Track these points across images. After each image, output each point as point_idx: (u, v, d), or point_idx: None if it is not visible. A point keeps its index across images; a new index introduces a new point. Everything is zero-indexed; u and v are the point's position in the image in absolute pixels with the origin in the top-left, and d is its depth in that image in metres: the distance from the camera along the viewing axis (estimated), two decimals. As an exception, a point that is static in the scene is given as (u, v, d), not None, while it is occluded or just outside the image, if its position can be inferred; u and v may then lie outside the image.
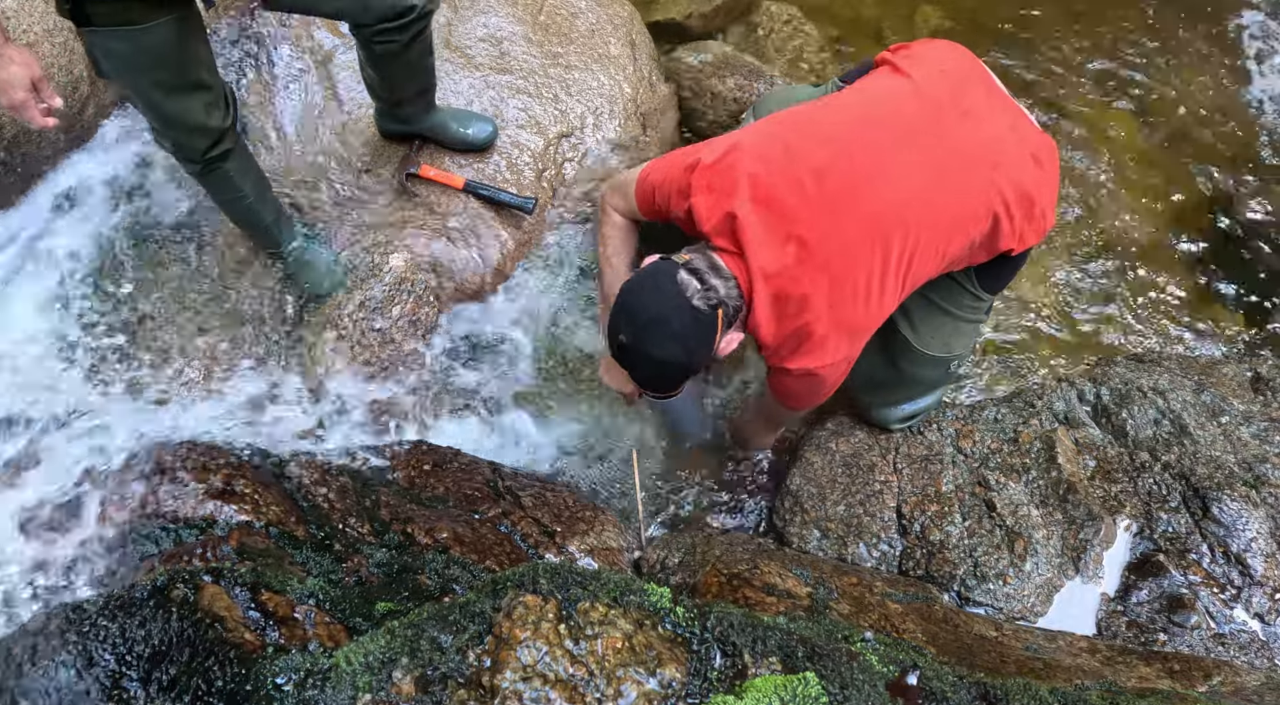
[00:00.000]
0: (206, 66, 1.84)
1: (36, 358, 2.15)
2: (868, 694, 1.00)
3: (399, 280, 2.31)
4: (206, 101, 1.86)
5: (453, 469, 1.93)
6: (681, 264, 1.63)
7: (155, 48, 1.69)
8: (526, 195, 2.52)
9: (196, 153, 1.94)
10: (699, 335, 1.62)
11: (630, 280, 1.69)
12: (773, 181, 1.62)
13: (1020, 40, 3.32)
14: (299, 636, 1.04)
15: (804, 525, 2.11)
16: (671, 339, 1.62)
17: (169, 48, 1.71)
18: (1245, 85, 3.26)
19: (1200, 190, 3.00)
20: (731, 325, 1.67)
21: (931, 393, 2.14)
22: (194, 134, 1.90)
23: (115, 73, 1.75)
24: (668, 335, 1.61)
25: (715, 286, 1.61)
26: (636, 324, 1.63)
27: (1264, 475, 2.04)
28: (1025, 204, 1.71)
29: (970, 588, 1.95)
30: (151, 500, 1.33)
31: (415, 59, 2.14)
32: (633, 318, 1.64)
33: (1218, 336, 2.68)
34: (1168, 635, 1.88)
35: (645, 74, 2.87)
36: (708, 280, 1.61)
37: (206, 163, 1.97)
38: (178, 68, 1.77)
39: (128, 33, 1.64)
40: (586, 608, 0.96)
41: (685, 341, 1.62)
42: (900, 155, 1.65)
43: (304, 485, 1.53)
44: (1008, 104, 1.79)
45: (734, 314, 1.65)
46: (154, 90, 1.78)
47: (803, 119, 1.75)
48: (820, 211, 1.60)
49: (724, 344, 1.69)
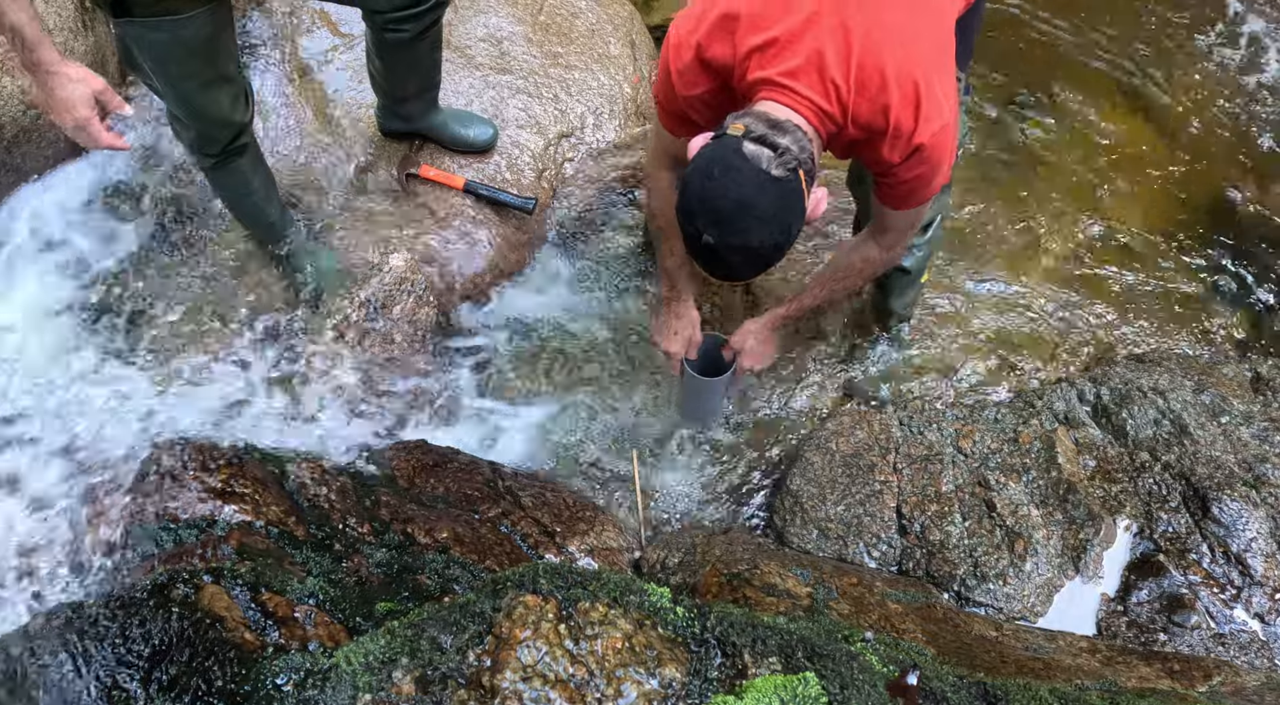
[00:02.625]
0: (234, 59, 1.85)
1: (35, 355, 2.15)
2: (868, 694, 1.00)
3: (399, 280, 2.31)
4: (233, 94, 1.87)
5: (453, 469, 1.93)
6: (740, 136, 1.44)
7: (191, 39, 1.70)
8: (526, 195, 2.52)
9: (217, 146, 1.95)
10: (790, 206, 1.45)
11: (690, 172, 1.48)
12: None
13: (1020, 39, 3.32)
14: (299, 636, 1.04)
15: (804, 525, 2.11)
16: (764, 222, 1.44)
17: (204, 39, 1.72)
18: (1246, 83, 3.26)
19: (1201, 189, 3.00)
20: (812, 181, 1.50)
21: (927, 231, 2.05)
22: (219, 126, 1.91)
23: (150, 64, 1.75)
24: (759, 218, 1.44)
25: (785, 146, 1.43)
26: (721, 217, 1.44)
27: (1264, 475, 2.04)
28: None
29: (970, 588, 1.95)
30: (151, 500, 1.33)
31: (424, 52, 2.13)
32: (714, 212, 1.44)
33: (1218, 336, 2.68)
34: (1168, 635, 1.88)
35: (645, 74, 2.88)
36: (777, 142, 1.43)
37: (223, 156, 1.99)
38: (211, 59, 1.77)
39: (166, 23, 1.65)
40: (586, 608, 0.96)
41: (779, 218, 1.45)
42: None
43: (304, 485, 1.53)
44: None
45: (811, 169, 1.48)
46: (186, 81, 1.78)
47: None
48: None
49: (813, 205, 1.51)
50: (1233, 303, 2.77)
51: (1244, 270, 2.83)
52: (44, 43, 1.37)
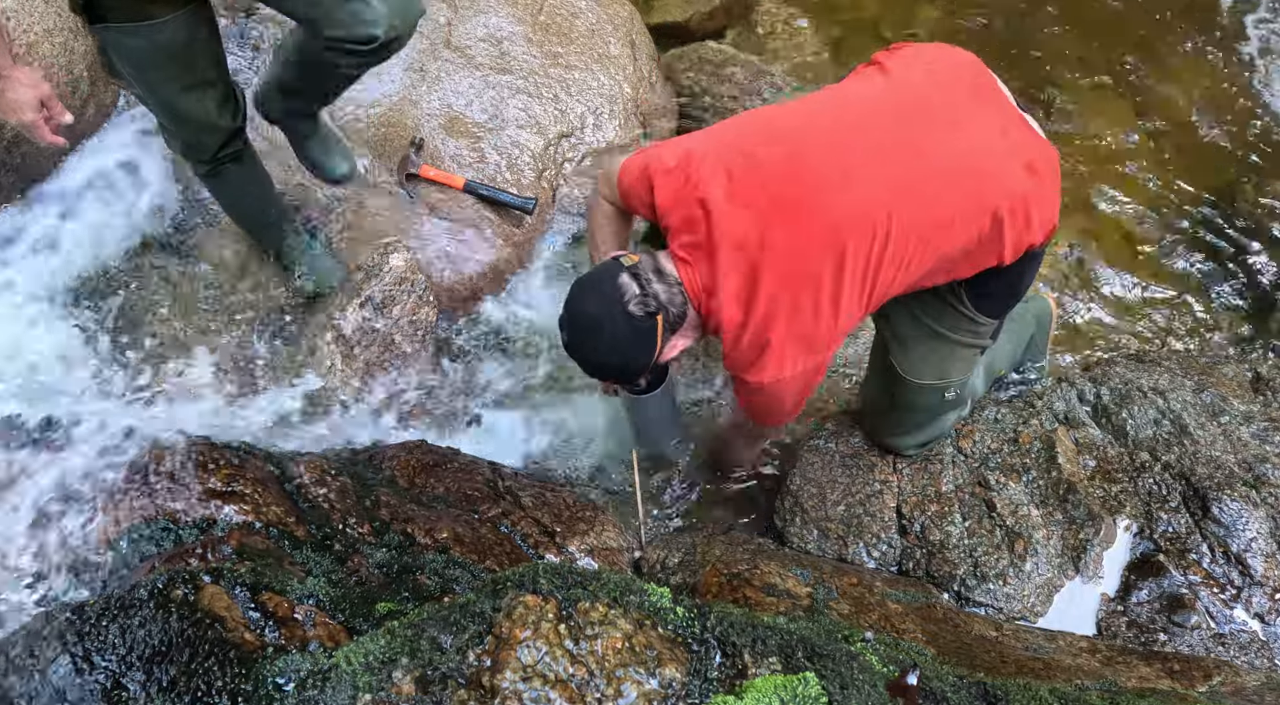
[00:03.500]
0: (219, 64, 1.82)
1: (35, 356, 2.15)
2: (868, 694, 1.00)
3: (399, 280, 2.31)
4: (218, 99, 1.84)
5: (453, 469, 1.93)
6: (627, 267, 1.59)
7: (168, 44, 1.68)
8: (526, 195, 2.52)
9: (207, 152, 1.92)
10: (635, 341, 1.60)
11: (578, 279, 1.68)
12: (734, 186, 1.55)
13: (1020, 39, 3.32)
14: (299, 636, 1.04)
15: (804, 525, 2.11)
16: (606, 344, 1.61)
17: (182, 44, 1.69)
18: (1246, 81, 3.26)
19: (1201, 188, 3.00)
20: (675, 331, 1.63)
21: (936, 420, 2.03)
22: (206, 132, 1.88)
23: (128, 70, 1.73)
24: (602, 340, 1.61)
25: (656, 292, 1.57)
26: (575, 326, 1.63)
27: (1264, 475, 2.04)
28: (1014, 212, 1.58)
29: (970, 588, 1.95)
30: (151, 500, 1.33)
31: (344, 80, 1.92)
32: (572, 319, 1.63)
33: (1218, 336, 2.68)
34: (1168, 635, 1.88)
35: (645, 74, 2.88)
36: (648, 286, 1.57)
37: (216, 163, 1.96)
38: (191, 64, 1.74)
39: (143, 28, 1.62)
40: (586, 608, 0.96)
41: (619, 347, 1.61)
42: (869, 162, 1.55)
43: (304, 485, 1.53)
44: (1003, 108, 1.66)
45: (677, 320, 1.61)
46: (167, 86, 1.76)
47: (771, 120, 1.66)
48: (779, 217, 1.53)
49: (668, 349, 1.65)
50: (1233, 302, 2.77)
51: (1244, 269, 2.83)
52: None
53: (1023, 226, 1.60)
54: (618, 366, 1.68)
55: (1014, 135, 1.62)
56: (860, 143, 1.57)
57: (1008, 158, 1.59)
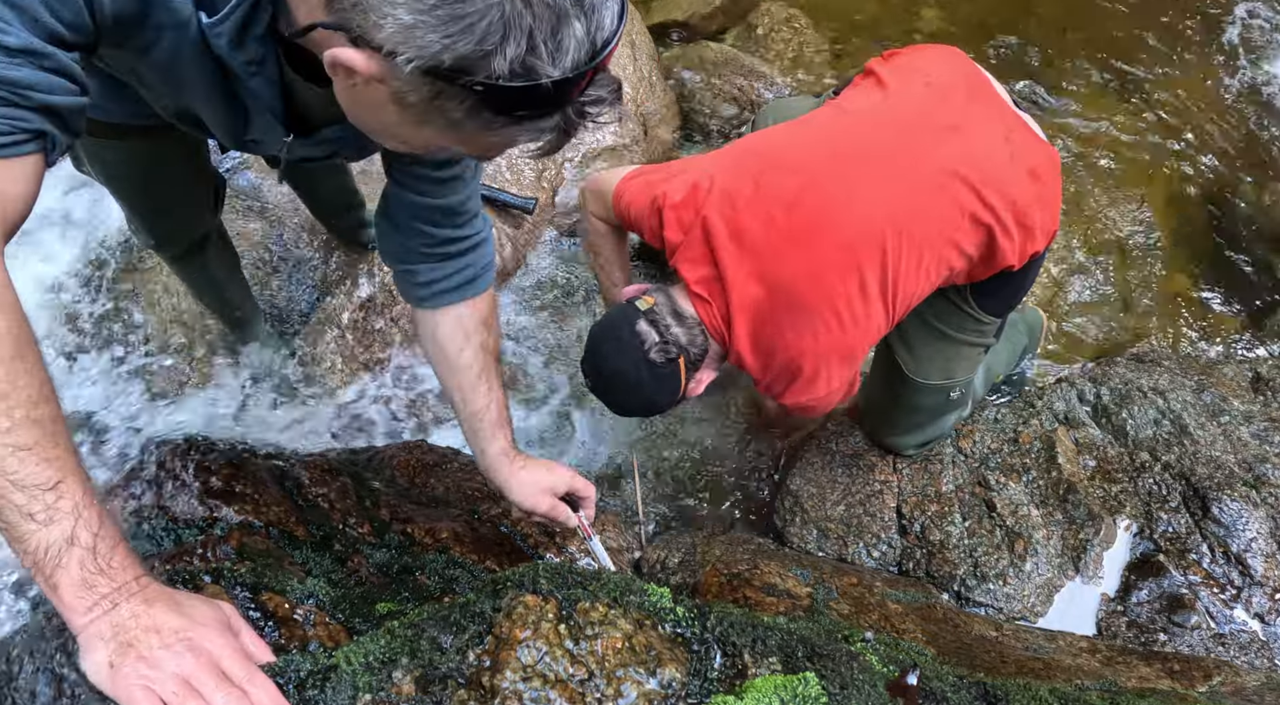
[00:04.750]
0: (201, 164, 1.61)
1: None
2: (868, 694, 1.00)
3: (399, 280, 2.31)
4: (198, 202, 1.67)
5: (453, 469, 1.92)
6: (643, 312, 1.63)
7: (148, 156, 1.47)
8: (527, 195, 2.52)
9: (178, 250, 1.79)
10: (659, 386, 1.65)
11: (596, 326, 1.73)
12: (741, 217, 1.58)
13: (1020, 39, 3.33)
14: (299, 637, 1.04)
15: (804, 525, 2.11)
16: (630, 391, 1.67)
17: (163, 156, 1.48)
18: (1245, 81, 3.26)
19: (1200, 188, 3.00)
20: (697, 368, 1.69)
21: (937, 420, 2.05)
22: (178, 234, 1.74)
23: (101, 180, 1.54)
24: (628, 387, 1.66)
25: (675, 336, 1.62)
26: (600, 374, 1.70)
27: (1264, 475, 2.04)
28: (1020, 218, 1.60)
29: (970, 588, 1.95)
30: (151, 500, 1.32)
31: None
32: (596, 368, 1.70)
33: (1218, 336, 2.68)
34: (1168, 635, 1.88)
35: (645, 74, 2.87)
36: (667, 331, 1.61)
37: (184, 254, 1.82)
38: (171, 176, 1.56)
39: (118, 144, 1.41)
40: (586, 608, 0.96)
41: (643, 393, 1.66)
42: (874, 178, 1.57)
43: (304, 485, 1.53)
44: (1004, 113, 1.68)
45: (698, 358, 1.66)
46: (141, 198, 1.58)
47: (774, 145, 1.69)
48: (790, 245, 1.56)
49: (693, 386, 1.71)
50: (1232, 302, 2.77)
51: (1244, 269, 2.83)
52: None
53: (1028, 234, 1.63)
54: (643, 409, 1.78)
55: (1017, 140, 1.64)
56: (865, 160, 1.60)
57: (1012, 165, 1.61)
